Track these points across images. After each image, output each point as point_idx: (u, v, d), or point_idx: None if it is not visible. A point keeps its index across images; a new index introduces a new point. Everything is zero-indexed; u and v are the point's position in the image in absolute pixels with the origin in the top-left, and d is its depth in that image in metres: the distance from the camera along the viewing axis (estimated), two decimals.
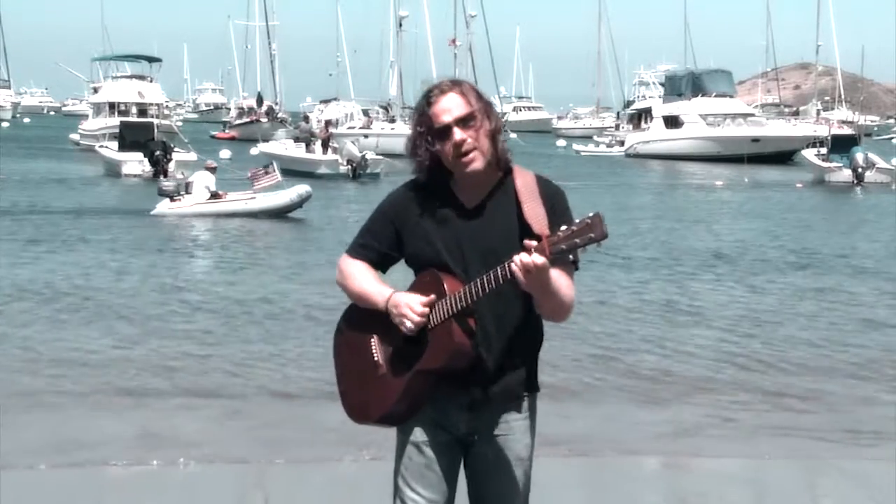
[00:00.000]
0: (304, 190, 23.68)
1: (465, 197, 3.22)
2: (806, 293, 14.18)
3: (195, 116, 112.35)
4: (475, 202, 3.21)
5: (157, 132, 38.30)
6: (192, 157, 36.60)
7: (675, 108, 62.31)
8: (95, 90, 63.85)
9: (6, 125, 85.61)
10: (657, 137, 61.62)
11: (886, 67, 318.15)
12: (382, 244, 3.30)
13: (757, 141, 56.70)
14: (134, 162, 35.40)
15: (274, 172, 23.72)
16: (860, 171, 38.26)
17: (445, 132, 3.15)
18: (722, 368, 9.63)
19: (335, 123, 49.06)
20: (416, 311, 3.12)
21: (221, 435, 7.33)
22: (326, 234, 21.33)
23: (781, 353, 10.33)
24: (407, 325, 3.13)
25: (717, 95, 62.06)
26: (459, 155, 3.15)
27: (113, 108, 53.21)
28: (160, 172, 34.12)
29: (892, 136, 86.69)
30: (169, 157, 34.77)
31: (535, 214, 3.11)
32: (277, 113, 74.44)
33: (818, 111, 76.41)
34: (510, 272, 2.97)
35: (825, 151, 41.18)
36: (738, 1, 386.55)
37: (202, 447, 6.88)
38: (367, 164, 37.37)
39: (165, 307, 12.32)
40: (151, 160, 34.66)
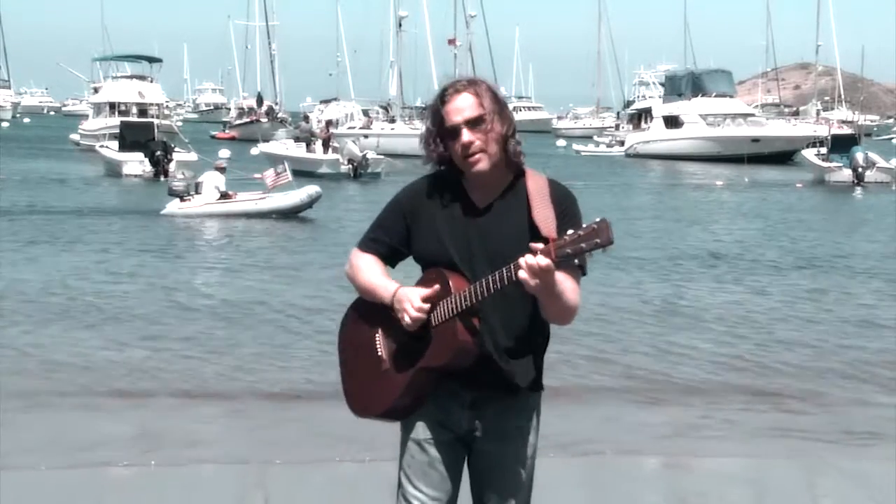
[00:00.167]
0: (314, 190, 23.69)
1: (476, 196, 3.23)
2: (805, 294, 14.18)
3: (195, 116, 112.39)
4: (486, 202, 3.22)
5: (157, 132, 38.31)
6: (192, 157, 36.60)
7: (675, 108, 62.29)
8: (96, 90, 63.91)
9: (6, 125, 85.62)
10: (657, 137, 61.61)
11: (886, 67, 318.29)
12: (393, 239, 3.31)
13: (757, 141, 56.67)
14: (135, 162, 35.39)
15: (285, 173, 23.72)
16: (860, 170, 38.18)
17: (455, 132, 3.17)
18: (721, 369, 9.63)
19: (335, 124, 49.07)
20: (415, 305, 3.13)
21: (221, 435, 7.33)
22: (331, 233, 21.32)
23: (781, 353, 10.32)
24: (406, 319, 3.14)
25: (717, 95, 62.03)
26: (466, 155, 3.17)
27: (113, 108, 53.26)
28: (161, 172, 34.18)
29: (892, 136, 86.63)
30: (169, 157, 34.81)
31: (544, 217, 3.12)
32: (277, 113, 74.49)
33: (818, 111, 76.46)
34: (515, 274, 2.98)
35: (825, 151, 41.15)
36: (738, 1, 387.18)
37: (202, 447, 6.89)
38: (368, 163, 37.38)
39: (168, 307, 12.32)
40: (152, 160, 34.70)
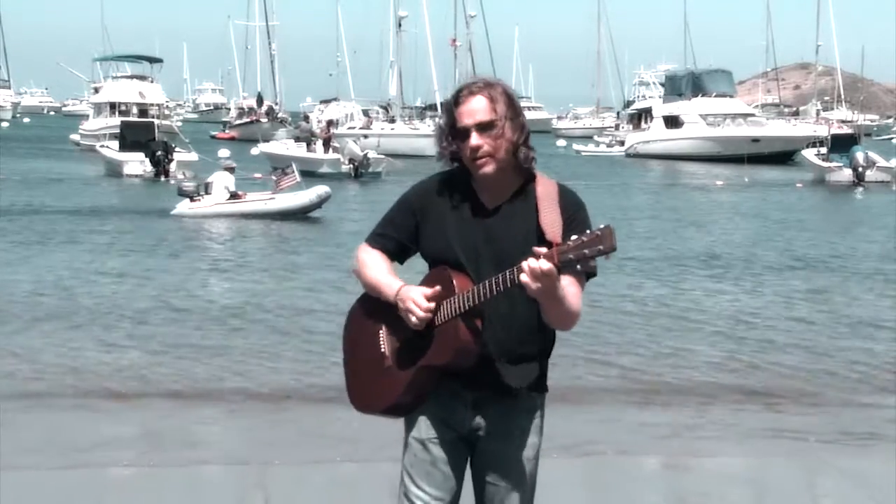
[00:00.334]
0: (323, 190, 23.72)
1: (485, 197, 3.24)
2: (805, 294, 14.17)
3: (195, 116, 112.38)
4: (495, 203, 3.23)
5: (157, 132, 38.30)
6: (193, 157, 36.63)
7: (675, 108, 62.29)
8: (96, 90, 63.92)
9: (6, 125, 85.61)
10: (657, 137, 61.61)
11: (886, 67, 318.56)
12: (401, 235, 3.32)
13: (757, 141, 56.66)
14: (135, 162, 35.38)
15: (293, 173, 23.73)
16: (861, 170, 38.14)
17: (465, 134, 3.18)
18: (720, 369, 9.63)
19: (335, 124, 49.08)
20: (421, 306, 3.14)
21: (221, 435, 7.33)
22: (336, 234, 21.30)
23: (780, 354, 10.32)
24: (412, 319, 3.15)
25: (717, 95, 62.04)
26: (474, 158, 3.18)
27: (114, 108, 53.26)
28: (161, 172, 34.19)
29: (891, 136, 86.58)
30: (170, 157, 34.82)
31: (550, 222, 3.13)
32: (277, 113, 74.53)
33: (818, 111, 76.48)
34: (518, 277, 2.99)
35: (825, 151, 41.13)
36: (738, 1, 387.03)
37: (202, 448, 6.89)
38: (369, 163, 37.42)
39: (174, 308, 12.30)
40: (153, 160, 34.70)
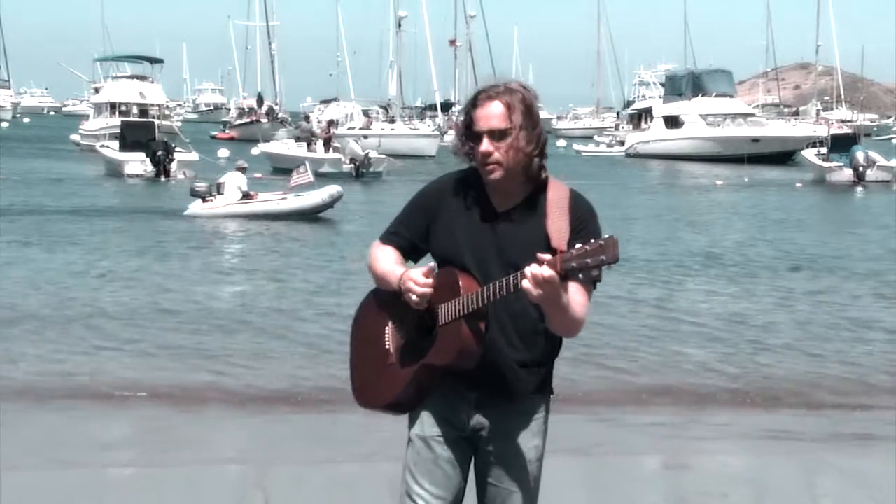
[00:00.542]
0: (335, 190, 23.69)
1: (497, 200, 3.24)
2: (805, 295, 14.15)
3: (195, 116, 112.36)
4: (506, 207, 3.23)
5: (157, 132, 38.30)
6: (193, 156, 36.65)
7: (675, 108, 62.30)
8: (97, 90, 63.89)
9: (6, 125, 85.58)
10: (657, 137, 61.61)
11: (886, 67, 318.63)
12: (413, 234, 3.33)
13: (757, 141, 56.67)
14: (136, 161, 35.33)
15: (306, 173, 23.71)
16: (861, 169, 38.12)
17: (478, 137, 3.18)
18: (720, 370, 9.62)
19: (336, 124, 49.11)
20: (419, 282, 3.15)
21: (221, 435, 7.33)
22: (343, 234, 21.29)
23: (780, 354, 10.32)
24: (413, 298, 3.16)
25: (717, 95, 62.03)
26: (484, 163, 3.19)
27: (114, 108, 53.24)
28: (162, 172, 34.19)
29: (891, 136, 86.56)
30: (171, 156, 34.80)
31: (557, 228, 3.13)
32: (278, 113, 74.52)
33: (818, 111, 76.49)
34: (520, 282, 2.98)
35: (825, 151, 41.12)
36: (738, 1, 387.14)
37: (202, 448, 6.89)
38: (370, 162, 37.45)
39: (172, 307, 12.29)
40: (153, 160, 34.68)
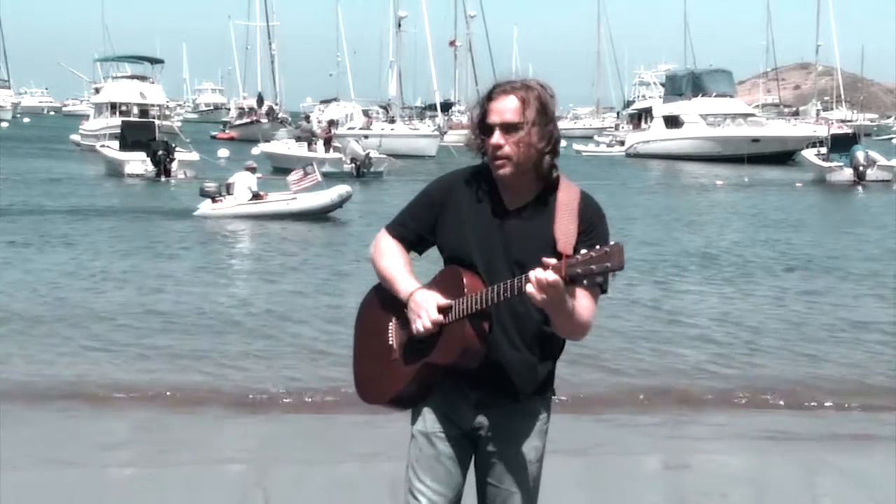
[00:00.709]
0: (344, 190, 23.67)
1: (507, 197, 3.23)
2: (804, 295, 14.14)
3: (195, 116, 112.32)
4: (516, 205, 3.21)
5: (158, 133, 38.30)
6: (194, 156, 36.69)
7: (675, 108, 62.27)
8: (97, 90, 63.86)
9: (6, 125, 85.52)
10: (657, 137, 61.60)
11: (886, 67, 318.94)
12: (421, 227, 3.32)
13: (757, 141, 56.66)
14: (137, 161, 35.33)
15: (314, 173, 23.70)
16: (861, 169, 38.06)
17: (490, 130, 3.18)
18: (719, 370, 9.61)
19: (336, 124, 49.12)
20: (431, 317, 3.12)
21: (221, 435, 7.33)
22: (348, 234, 21.28)
23: (780, 354, 10.31)
24: (418, 326, 3.14)
25: (717, 95, 62.00)
26: (493, 157, 3.18)
27: (114, 108, 53.23)
28: (162, 172, 34.20)
29: (891, 136, 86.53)
30: (171, 156, 34.81)
31: (564, 231, 3.12)
32: (278, 113, 74.50)
33: (818, 111, 76.47)
34: (524, 286, 2.97)
35: (825, 151, 41.10)
36: (738, 1, 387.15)
37: (202, 447, 6.89)
38: (371, 162, 37.48)
39: (173, 308, 12.27)
40: (154, 160, 34.68)
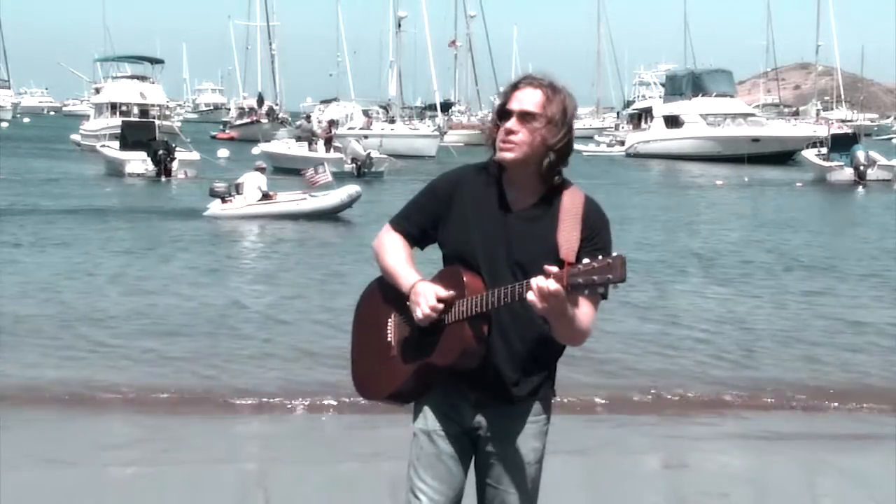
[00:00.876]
0: (353, 190, 23.65)
1: (512, 196, 3.21)
2: (805, 295, 14.14)
3: (195, 116, 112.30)
4: (520, 206, 3.20)
5: (158, 132, 38.31)
6: (194, 156, 36.70)
7: (675, 107, 62.28)
8: (97, 90, 63.83)
9: (6, 125, 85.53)
10: (657, 137, 61.60)
11: (886, 67, 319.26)
12: (425, 222, 3.31)
13: (757, 141, 56.65)
14: (137, 161, 35.33)
15: (325, 172, 23.67)
16: (862, 169, 38.04)
17: (507, 116, 3.17)
18: (719, 370, 9.61)
19: (336, 124, 49.13)
20: (430, 303, 3.11)
21: (221, 435, 7.33)
22: (356, 234, 21.28)
23: (780, 354, 10.31)
24: (418, 314, 3.13)
25: (717, 95, 62.01)
26: (503, 140, 3.16)
27: (115, 108, 53.18)
28: (163, 172, 34.22)
29: (891, 135, 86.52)
30: (172, 156, 34.82)
31: (567, 238, 3.11)
32: (278, 113, 74.50)
33: (818, 111, 76.48)
34: (525, 293, 2.96)
35: (825, 151, 41.09)
36: (738, 1, 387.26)
37: (201, 447, 6.89)
38: (371, 162, 37.51)
39: (174, 307, 12.29)
40: (154, 159, 34.70)
